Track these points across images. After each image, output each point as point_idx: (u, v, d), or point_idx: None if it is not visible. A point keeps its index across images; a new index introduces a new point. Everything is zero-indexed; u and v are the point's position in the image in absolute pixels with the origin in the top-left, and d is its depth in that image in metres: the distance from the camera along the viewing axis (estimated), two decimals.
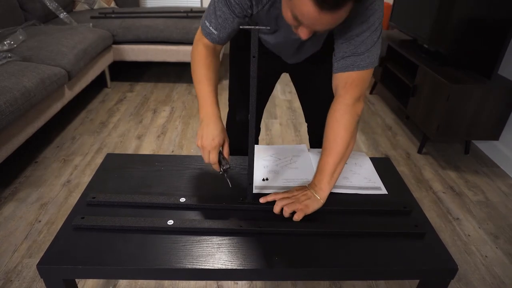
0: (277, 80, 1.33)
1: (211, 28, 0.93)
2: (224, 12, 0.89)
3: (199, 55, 0.97)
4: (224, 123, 1.08)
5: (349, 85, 0.90)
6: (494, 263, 1.45)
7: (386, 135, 2.39)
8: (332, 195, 0.93)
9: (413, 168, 2.04)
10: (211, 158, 0.90)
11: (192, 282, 1.33)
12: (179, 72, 3.34)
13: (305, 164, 1.08)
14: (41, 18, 2.82)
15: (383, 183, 1.02)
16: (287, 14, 0.75)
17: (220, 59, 3.02)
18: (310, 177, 1.01)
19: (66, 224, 0.84)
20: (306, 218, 0.86)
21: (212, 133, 0.90)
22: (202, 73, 0.96)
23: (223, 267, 0.75)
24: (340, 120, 0.91)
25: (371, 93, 3.04)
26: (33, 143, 2.13)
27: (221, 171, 0.92)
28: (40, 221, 1.56)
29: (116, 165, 1.06)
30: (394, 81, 2.65)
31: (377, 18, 0.84)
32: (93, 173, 1.18)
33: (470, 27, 1.91)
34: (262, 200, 0.91)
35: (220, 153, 0.92)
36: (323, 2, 0.65)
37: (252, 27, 0.70)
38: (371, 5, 0.82)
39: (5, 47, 2.09)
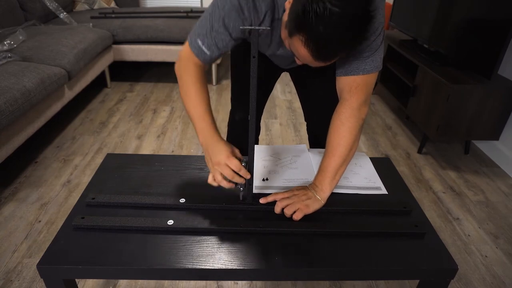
0: (277, 79, 1.34)
1: (203, 47, 0.89)
2: (221, 34, 0.86)
3: (191, 76, 0.92)
4: (226, 123, 1.08)
5: (354, 89, 0.90)
6: (494, 263, 1.45)
7: (386, 135, 2.39)
8: (332, 195, 0.93)
9: (413, 168, 2.04)
10: (235, 165, 0.83)
11: (192, 282, 1.33)
12: None
13: (305, 164, 1.08)
14: (41, 18, 2.82)
15: (383, 183, 1.02)
16: (285, 42, 0.79)
17: (220, 60, 3.03)
18: (310, 177, 1.01)
19: (66, 224, 0.84)
20: (306, 218, 0.86)
21: (225, 149, 0.85)
22: (197, 97, 0.91)
23: (223, 267, 0.75)
24: (345, 123, 0.91)
25: None
26: (33, 143, 2.13)
27: (241, 187, 0.87)
28: (40, 221, 1.56)
29: (116, 165, 1.06)
30: (394, 81, 2.65)
31: (380, 23, 0.85)
32: (93, 173, 1.18)
33: (470, 27, 1.90)
34: (262, 200, 0.91)
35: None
36: (317, 57, 0.71)
37: (252, 27, 0.70)
38: (375, 10, 0.82)
39: (5, 47, 2.09)
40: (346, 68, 0.90)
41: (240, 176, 0.84)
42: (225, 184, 0.85)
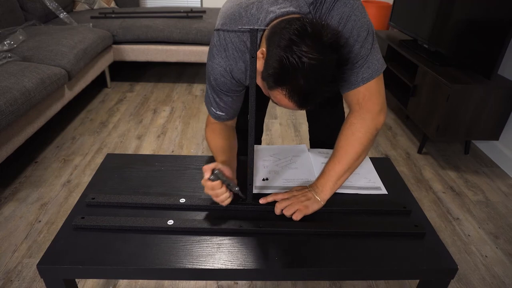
0: None
1: (218, 112, 0.99)
2: (221, 98, 0.96)
3: (209, 132, 1.02)
4: None
5: (361, 100, 0.88)
6: (494, 263, 1.45)
7: (386, 135, 2.39)
8: (332, 195, 0.93)
9: (413, 168, 2.04)
10: (210, 187, 0.83)
11: (192, 282, 1.33)
12: (179, 72, 3.34)
13: (305, 164, 1.08)
14: (41, 18, 2.82)
15: (383, 183, 1.02)
16: (263, 89, 0.81)
17: None
18: (310, 177, 1.01)
19: (66, 224, 0.84)
20: (306, 218, 0.86)
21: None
22: (215, 146, 0.98)
23: (223, 267, 0.75)
24: (355, 133, 0.89)
25: None
26: (33, 143, 2.12)
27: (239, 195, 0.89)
28: (40, 221, 1.56)
29: (116, 165, 1.06)
30: (394, 81, 2.65)
31: (361, 27, 0.82)
32: (93, 173, 1.18)
33: (470, 27, 1.90)
34: (262, 200, 0.91)
35: (226, 181, 0.84)
36: (302, 106, 0.74)
37: (252, 27, 0.70)
38: (348, 22, 0.81)
39: (5, 47, 2.09)
40: (345, 85, 0.88)
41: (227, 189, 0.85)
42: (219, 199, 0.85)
